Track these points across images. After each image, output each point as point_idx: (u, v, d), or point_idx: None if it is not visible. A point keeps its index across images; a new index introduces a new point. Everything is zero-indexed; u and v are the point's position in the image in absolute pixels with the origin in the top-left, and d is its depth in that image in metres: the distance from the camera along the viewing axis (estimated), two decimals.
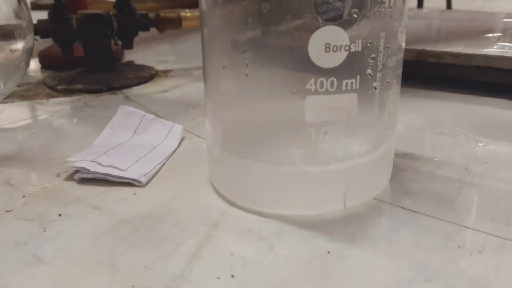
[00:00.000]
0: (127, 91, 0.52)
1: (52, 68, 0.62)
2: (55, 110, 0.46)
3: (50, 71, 0.61)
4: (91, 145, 0.35)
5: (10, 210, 0.28)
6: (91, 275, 0.22)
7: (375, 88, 0.25)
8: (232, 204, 0.28)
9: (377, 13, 0.24)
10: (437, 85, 0.50)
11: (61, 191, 0.30)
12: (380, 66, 0.25)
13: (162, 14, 0.59)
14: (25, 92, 0.53)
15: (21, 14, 0.40)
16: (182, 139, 0.38)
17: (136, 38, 0.58)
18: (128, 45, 0.57)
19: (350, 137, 0.25)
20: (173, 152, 0.35)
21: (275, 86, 0.25)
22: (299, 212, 0.26)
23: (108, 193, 0.30)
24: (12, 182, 0.32)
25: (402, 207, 0.27)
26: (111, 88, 0.52)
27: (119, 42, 0.57)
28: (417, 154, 0.34)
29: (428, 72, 0.49)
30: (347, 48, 0.23)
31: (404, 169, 0.32)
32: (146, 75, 0.56)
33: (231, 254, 0.24)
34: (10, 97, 0.50)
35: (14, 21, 0.40)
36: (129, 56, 0.67)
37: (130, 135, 0.37)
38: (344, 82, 0.24)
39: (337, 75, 0.24)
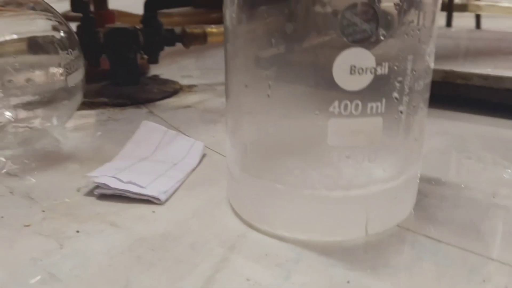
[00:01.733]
0: (151, 105, 0.52)
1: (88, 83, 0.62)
2: (79, 123, 0.46)
3: None
4: (112, 160, 0.35)
5: (29, 225, 0.28)
6: None
7: (401, 112, 0.24)
8: (250, 226, 0.27)
9: (405, 35, 0.23)
10: (465, 107, 0.48)
11: (80, 207, 0.30)
12: (407, 90, 0.24)
13: (188, 30, 0.59)
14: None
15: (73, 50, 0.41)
16: (203, 156, 0.37)
17: (162, 52, 0.58)
18: (154, 60, 0.58)
19: (374, 162, 0.24)
20: (194, 169, 0.35)
21: (297, 107, 0.25)
22: (319, 238, 0.26)
23: (126, 210, 0.30)
24: (32, 195, 0.32)
25: (426, 236, 0.26)
26: (135, 102, 0.52)
27: (145, 57, 0.57)
28: (442, 179, 0.33)
29: (455, 93, 0.48)
30: (373, 71, 0.23)
31: (428, 194, 0.31)
32: (170, 89, 0.56)
33: (247, 280, 0.23)
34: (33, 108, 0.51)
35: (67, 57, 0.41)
36: (154, 70, 0.67)
37: (152, 150, 0.37)
38: (369, 105, 0.23)
39: (362, 98, 0.23)
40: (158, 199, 0.30)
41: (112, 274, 0.24)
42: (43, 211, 0.30)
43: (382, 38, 0.22)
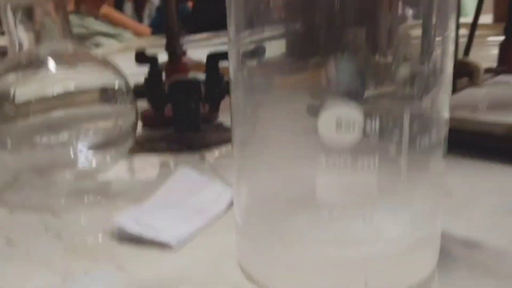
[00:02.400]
0: (205, 151, 0.53)
1: (150, 126, 0.66)
2: (132, 166, 0.49)
3: (149, 128, 0.65)
4: (143, 203, 0.36)
5: (45, 262, 0.30)
6: None
7: (401, 169, 0.22)
8: (251, 279, 0.26)
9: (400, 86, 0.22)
10: None
11: (99, 248, 0.31)
12: (406, 147, 0.22)
13: None
14: None
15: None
16: (232, 204, 0.37)
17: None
18: (215, 108, 0.60)
19: (369, 222, 0.23)
20: (220, 216, 0.35)
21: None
22: None
23: (138, 254, 0.30)
24: (62, 234, 0.33)
25: None
26: (191, 148, 0.54)
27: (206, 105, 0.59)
28: (481, 243, 0.30)
29: None
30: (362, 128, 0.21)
31: (458, 259, 0.28)
32: (226, 137, 0.57)
33: None
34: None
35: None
36: (221, 118, 0.69)
37: (182, 196, 0.37)
38: (360, 161, 0.22)
39: (352, 152, 0.22)
40: (169, 245, 0.30)
41: None
42: (65, 249, 0.31)
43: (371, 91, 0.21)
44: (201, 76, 0.59)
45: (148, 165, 0.49)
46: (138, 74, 0.59)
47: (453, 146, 0.44)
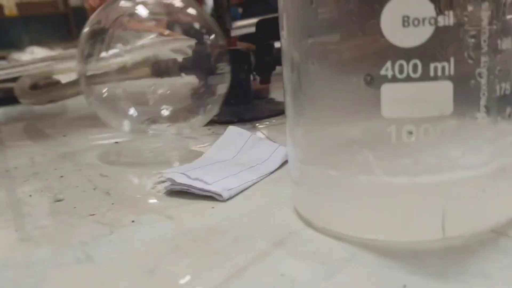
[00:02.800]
0: (256, 122, 0.51)
1: None
2: (180, 138, 0.47)
3: None
4: (192, 162, 0.35)
5: (93, 214, 0.28)
6: (126, 277, 0.21)
7: (480, 77, 0.19)
8: (309, 224, 0.24)
9: None
10: None
11: (147, 201, 0.30)
12: (485, 48, 0.19)
13: None
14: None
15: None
16: (285, 161, 0.34)
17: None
18: (266, 80, 0.57)
19: (447, 141, 0.19)
20: (272, 172, 0.33)
21: (344, 72, 0.21)
22: (382, 237, 0.21)
23: (188, 205, 0.28)
24: (110, 192, 0.32)
25: None
26: (242, 120, 0.52)
27: (257, 77, 0.57)
28: None
29: None
30: (433, 21, 0.18)
31: None
32: (278, 109, 0.55)
33: (281, 275, 0.20)
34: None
35: None
36: (274, 94, 0.67)
37: (233, 154, 0.35)
38: (432, 66, 0.19)
39: (422, 56, 0.19)
40: (220, 195, 0.28)
41: (143, 260, 0.22)
42: (113, 203, 0.30)
43: None
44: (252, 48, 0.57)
45: (197, 135, 0.48)
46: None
47: None
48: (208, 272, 0.20)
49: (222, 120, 0.52)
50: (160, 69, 0.58)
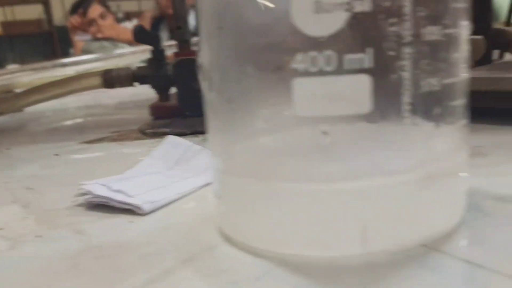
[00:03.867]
0: None
1: (163, 118, 0.62)
2: (125, 151, 0.45)
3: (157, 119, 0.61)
4: (122, 174, 0.32)
5: (1, 229, 0.25)
6: None
7: (403, 70, 0.17)
8: (229, 239, 0.21)
9: None
10: None
11: (62, 214, 0.27)
12: (409, 38, 0.17)
13: None
14: (117, 136, 0.53)
15: None
16: None
17: None
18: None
19: (367, 143, 0.17)
20: (206, 185, 0.30)
21: (254, 65, 0.19)
22: (300, 252, 0.19)
23: (105, 219, 0.26)
24: (30, 205, 0.29)
25: (465, 260, 0.18)
26: (195, 132, 0.49)
27: None
28: None
29: None
30: (347, 6, 0.16)
31: (492, 214, 0.22)
32: None
33: None
34: (102, 141, 0.51)
35: None
36: None
37: (170, 165, 0.33)
38: (348, 58, 0.16)
39: (336, 47, 0.16)
40: (140, 208, 0.25)
41: (36, 278, 0.19)
42: (25, 217, 0.27)
43: None
44: None
45: (145, 149, 0.45)
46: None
47: (488, 113, 0.38)
48: None
49: (174, 132, 0.50)
50: (112, 79, 0.56)
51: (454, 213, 0.20)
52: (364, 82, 0.17)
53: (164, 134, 0.49)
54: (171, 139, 0.35)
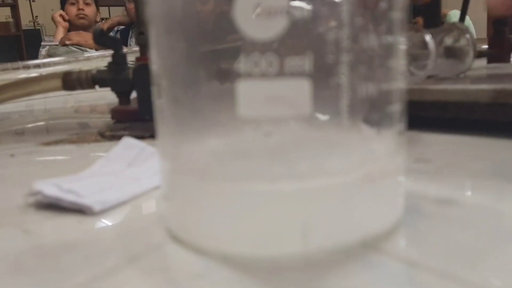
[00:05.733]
0: None
1: (120, 120, 0.61)
2: (81, 154, 0.44)
3: (119, 122, 0.60)
4: (76, 174, 0.32)
5: None
6: None
7: (341, 75, 0.18)
8: (176, 238, 0.21)
9: None
10: None
11: (11, 214, 0.27)
12: (348, 42, 0.18)
13: None
14: (76, 138, 0.52)
15: None
16: None
17: None
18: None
19: (309, 145, 0.18)
20: (158, 187, 0.30)
21: (202, 69, 0.19)
22: (243, 250, 0.19)
23: (53, 219, 0.25)
24: None
25: (402, 260, 0.19)
26: (153, 135, 0.49)
27: None
28: (460, 201, 0.25)
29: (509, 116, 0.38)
30: (287, 12, 0.17)
31: (432, 216, 0.23)
32: None
33: None
34: (60, 143, 0.50)
35: None
36: None
37: (123, 167, 0.33)
38: (288, 61, 0.17)
39: (278, 51, 0.17)
40: (90, 208, 0.25)
41: None
42: None
43: None
44: None
45: (102, 150, 0.45)
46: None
47: (432, 122, 0.40)
48: None
49: (133, 134, 0.50)
50: (71, 82, 0.55)
51: (393, 213, 0.21)
52: (304, 86, 0.17)
53: (122, 136, 0.49)
54: (126, 141, 0.35)
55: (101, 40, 0.52)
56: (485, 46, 0.71)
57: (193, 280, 0.18)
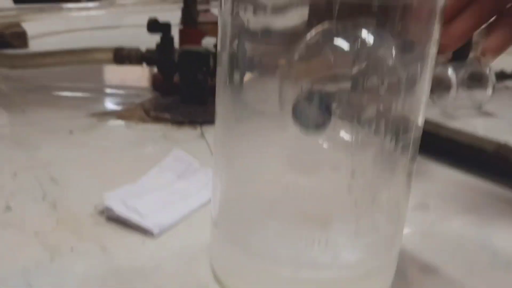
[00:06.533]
0: (206, 126, 0.54)
1: (160, 90, 0.67)
2: (132, 137, 0.51)
3: (157, 92, 0.66)
4: (135, 182, 0.38)
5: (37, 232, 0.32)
6: None
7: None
8: (218, 282, 0.28)
9: None
10: None
11: (87, 224, 0.34)
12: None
13: None
14: (124, 112, 0.58)
15: None
16: None
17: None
18: None
19: (327, 245, 0.24)
20: (204, 205, 0.37)
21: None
22: None
23: (122, 235, 0.32)
24: (56, 204, 0.36)
25: None
26: (192, 121, 0.55)
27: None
28: (445, 270, 0.31)
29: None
30: None
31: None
32: None
33: None
34: (108, 116, 0.56)
35: None
36: None
37: (173, 179, 0.39)
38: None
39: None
40: (151, 232, 0.32)
41: None
42: (57, 220, 0.34)
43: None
44: (213, 47, 0.60)
45: (149, 137, 0.51)
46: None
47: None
48: None
49: (174, 120, 0.56)
50: (122, 56, 0.61)
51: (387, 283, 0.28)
52: None
53: (165, 120, 0.56)
54: (176, 153, 0.41)
55: (152, 27, 0.56)
56: None
57: None
